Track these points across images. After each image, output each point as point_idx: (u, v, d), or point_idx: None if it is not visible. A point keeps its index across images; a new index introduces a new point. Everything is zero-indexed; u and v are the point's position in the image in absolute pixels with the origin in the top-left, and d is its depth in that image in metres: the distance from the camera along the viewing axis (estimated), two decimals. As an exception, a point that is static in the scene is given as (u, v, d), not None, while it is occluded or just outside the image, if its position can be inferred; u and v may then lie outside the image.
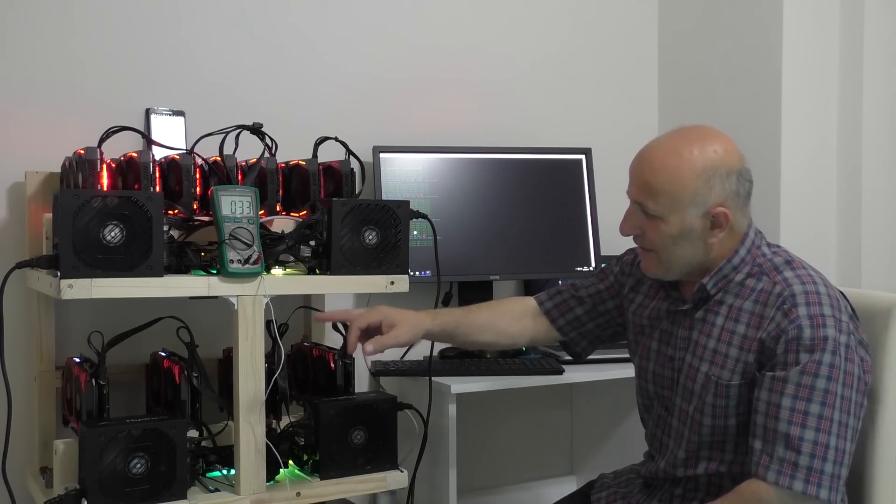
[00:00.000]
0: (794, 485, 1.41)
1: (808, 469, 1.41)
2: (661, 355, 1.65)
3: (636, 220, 1.56)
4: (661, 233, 1.52)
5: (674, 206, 1.49)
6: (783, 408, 1.43)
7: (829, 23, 2.45)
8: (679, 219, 1.50)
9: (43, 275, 1.64)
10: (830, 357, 1.43)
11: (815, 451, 1.41)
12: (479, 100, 2.55)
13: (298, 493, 1.71)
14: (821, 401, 1.42)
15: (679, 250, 1.53)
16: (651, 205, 1.51)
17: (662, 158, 1.51)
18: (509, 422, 2.62)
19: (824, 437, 1.42)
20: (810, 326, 1.44)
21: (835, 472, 1.42)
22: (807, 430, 1.41)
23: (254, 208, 1.66)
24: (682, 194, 1.48)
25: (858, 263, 2.41)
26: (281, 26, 2.27)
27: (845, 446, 1.44)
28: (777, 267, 1.53)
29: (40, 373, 1.90)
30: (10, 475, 1.62)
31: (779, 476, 1.42)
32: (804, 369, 1.42)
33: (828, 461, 1.41)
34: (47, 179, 1.91)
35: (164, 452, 1.59)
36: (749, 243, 1.56)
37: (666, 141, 1.54)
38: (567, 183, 2.44)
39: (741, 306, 1.52)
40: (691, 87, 2.74)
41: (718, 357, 1.53)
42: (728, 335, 1.53)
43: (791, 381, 1.43)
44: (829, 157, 2.47)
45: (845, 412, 1.44)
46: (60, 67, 2.02)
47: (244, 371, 1.66)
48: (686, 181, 1.48)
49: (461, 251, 2.31)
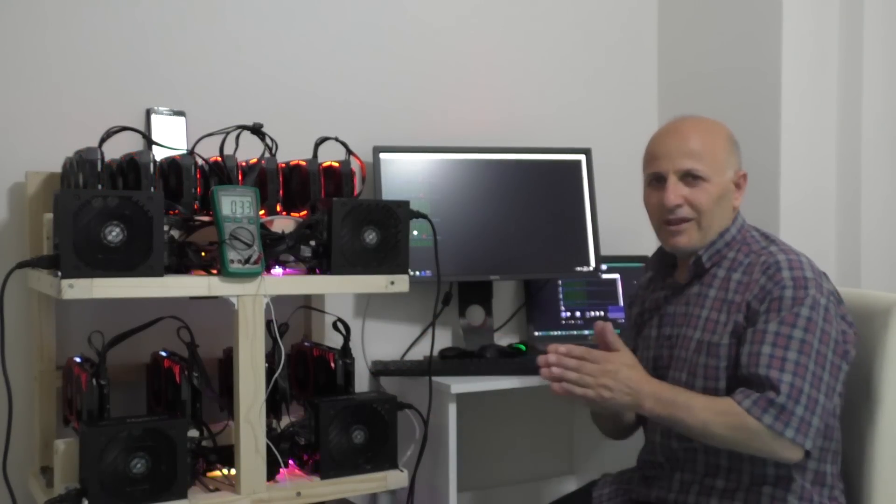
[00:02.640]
0: (763, 418, 1.49)
1: (781, 408, 1.49)
2: (660, 338, 1.75)
3: (680, 189, 1.67)
4: (708, 194, 1.66)
5: (717, 167, 1.67)
6: (763, 355, 1.53)
7: (829, 23, 2.45)
8: (721, 179, 1.67)
9: (43, 275, 1.64)
10: (808, 311, 1.54)
11: (791, 393, 1.49)
12: (479, 100, 2.55)
13: (298, 493, 1.71)
14: (797, 349, 1.52)
15: (719, 212, 1.68)
16: (700, 167, 1.66)
17: (698, 129, 1.70)
18: (509, 422, 2.62)
19: (799, 382, 1.50)
20: (793, 287, 1.56)
21: (805, 417, 1.49)
22: (784, 373, 1.50)
23: (254, 208, 1.67)
24: (722, 156, 1.68)
25: (858, 263, 2.41)
26: (281, 26, 2.27)
27: (818, 397, 1.52)
28: (762, 244, 1.68)
29: (41, 372, 1.91)
30: (11, 475, 1.63)
31: (753, 407, 1.50)
32: (783, 320, 1.54)
33: (799, 404, 1.49)
34: (48, 179, 1.91)
35: (164, 452, 1.59)
36: (740, 223, 1.72)
37: (688, 119, 1.74)
38: (567, 183, 2.44)
39: (731, 277, 1.65)
40: (691, 87, 2.74)
41: (710, 324, 1.64)
42: (719, 303, 1.64)
43: (770, 331, 1.54)
44: (828, 157, 2.47)
45: (820, 366, 1.53)
46: (60, 67, 2.02)
47: (244, 371, 1.66)
48: (722, 145, 1.69)
49: (461, 251, 2.31)
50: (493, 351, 2.26)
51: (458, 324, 2.41)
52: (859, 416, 1.68)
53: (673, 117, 1.77)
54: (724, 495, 1.61)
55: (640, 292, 1.90)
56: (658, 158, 1.70)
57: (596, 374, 1.59)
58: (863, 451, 1.66)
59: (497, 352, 2.27)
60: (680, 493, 1.66)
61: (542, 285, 2.52)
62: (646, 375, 1.62)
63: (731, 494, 1.60)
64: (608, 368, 1.59)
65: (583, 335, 2.51)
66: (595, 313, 2.54)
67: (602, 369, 1.59)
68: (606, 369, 1.59)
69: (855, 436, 1.67)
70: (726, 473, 1.61)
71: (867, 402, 1.66)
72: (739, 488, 1.60)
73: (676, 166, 1.67)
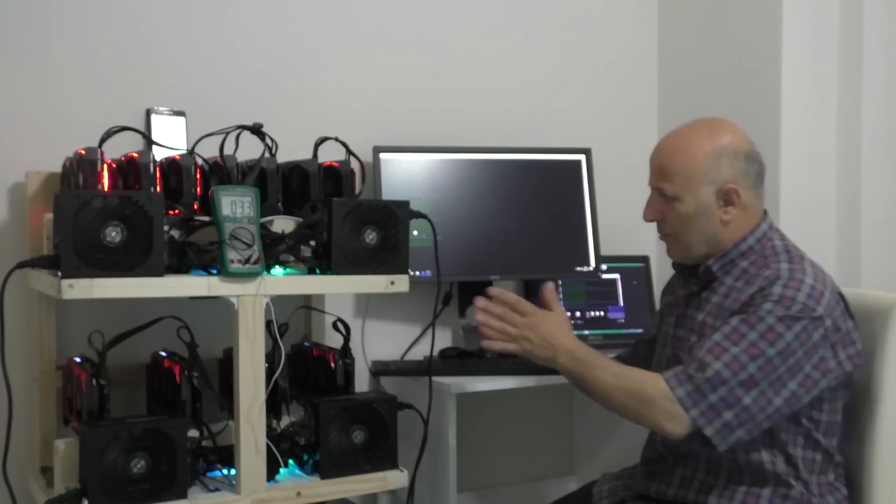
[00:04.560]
0: (676, 390, 1.50)
1: (697, 389, 1.49)
2: (675, 338, 1.73)
3: (657, 205, 1.68)
4: (678, 213, 1.64)
5: (688, 185, 1.62)
6: (711, 339, 1.53)
7: (828, 23, 2.45)
8: (693, 197, 1.62)
9: (43, 275, 1.64)
10: (774, 321, 1.50)
11: (711, 378, 1.48)
12: (479, 100, 2.55)
13: (298, 493, 1.71)
14: (744, 348, 1.50)
15: (696, 229, 1.64)
16: (667, 186, 1.64)
17: (675, 144, 1.66)
18: (509, 422, 2.62)
19: (727, 373, 1.49)
20: (775, 302, 1.52)
21: (717, 406, 1.48)
22: (717, 361, 1.49)
23: (254, 208, 1.67)
24: (695, 173, 1.62)
25: (858, 263, 2.41)
26: (281, 26, 2.27)
27: (744, 398, 1.49)
28: (779, 258, 1.62)
29: (41, 373, 1.91)
30: (11, 475, 1.62)
31: (672, 378, 1.51)
32: (745, 319, 1.52)
33: (716, 393, 1.48)
34: (48, 179, 1.91)
35: (164, 452, 1.59)
36: (760, 234, 1.66)
37: (679, 130, 1.69)
38: (567, 183, 2.44)
39: (734, 286, 1.62)
40: (691, 87, 2.74)
41: (706, 328, 1.62)
42: (716, 309, 1.63)
43: (730, 324, 1.53)
44: (828, 157, 2.47)
45: (762, 372, 1.50)
46: (61, 67, 2.02)
47: (244, 371, 1.66)
48: (697, 161, 1.62)
49: (461, 251, 2.31)
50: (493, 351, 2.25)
51: (458, 324, 2.41)
52: (859, 416, 1.68)
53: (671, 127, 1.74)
54: (723, 494, 1.61)
55: (672, 282, 1.90)
56: (649, 169, 1.71)
57: (519, 326, 1.65)
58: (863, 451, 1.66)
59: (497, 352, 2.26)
60: (680, 489, 1.66)
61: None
62: (569, 334, 1.65)
63: (730, 494, 1.60)
64: (532, 321, 1.65)
65: (583, 335, 2.51)
66: (595, 313, 2.54)
67: (527, 322, 1.65)
68: (530, 322, 1.65)
69: (855, 436, 1.67)
70: (727, 473, 1.61)
71: (867, 402, 1.66)
72: (739, 488, 1.60)
73: (652, 182, 1.68)
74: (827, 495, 1.60)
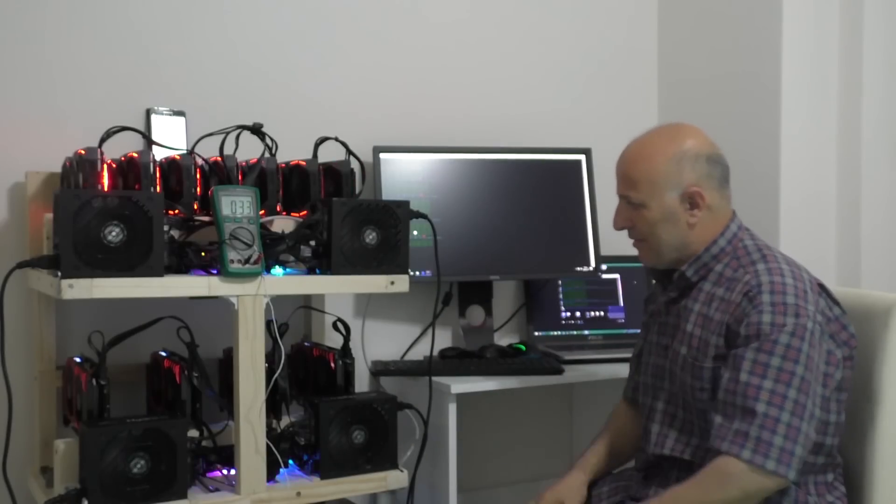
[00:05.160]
0: (742, 454, 1.47)
1: (757, 440, 1.47)
2: (659, 346, 1.73)
3: (625, 213, 1.69)
4: (645, 219, 1.65)
5: (652, 191, 1.63)
6: (740, 382, 1.50)
7: (828, 23, 2.45)
8: (658, 203, 1.63)
9: (43, 275, 1.64)
10: (788, 338, 1.50)
11: (765, 423, 1.47)
12: (479, 100, 2.55)
13: (298, 493, 1.71)
14: (774, 377, 1.49)
15: (665, 234, 1.64)
16: (633, 194, 1.65)
17: (638, 151, 1.67)
18: (509, 422, 2.62)
19: (774, 412, 1.47)
20: (771, 312, 1.52)
21: (785, 447, 1.47)
22: (759, 403, 1.48)
23: (254, 208, 1.67)
24: (657, 178, 1.63)
25: (858, 263, 2.41)
26: (281, 26, 2.27)
27: (800, 425, 1.48)
28: (752, 259, 1.62)
29: (41, 373, 1.91)
30: (11, 475, 1.63)
31: (731, 446, 1.48)
32: (760, 347, 1.50)
33: (777, 434, 1.47)
34: (48, 179, 1.91)
35: (164, 452, 1.60)
36: (730, 235, 1.66)
37: (641, 138, 1.71)
38: (567, 183, 2.44)
39: (714, 293, 1.62)
40: (691, 87, 2.74)
41: (694, 339, 1.62)
42: (702, 319, 1.62)
43: (748, 358, 1.51)
44: (828, 157, 2.47)
45: (803, 393, 1.49)
46: (61, 67, 2.02)
47: (244, 371, 1.66)
48: (659, 166, 1.63)
49: (461, 251, 2.31)
50: (493, 351, 2.26)
51: (458, 324, 2.41)
52: (859, 417, 1.67)
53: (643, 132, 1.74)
54: None
55: (654, 289, 1.90)
56: (616, 178, 1.72)
57: None
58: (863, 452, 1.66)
59: (497, 352, 2.27)
60: None
61: (542, 285, 2.52)
62: None
63: None
64: None
65: (583, 335, 2.51)
66: (595, 313, 2.54)
67: None
68: None
69: (855, 436, 1.67)
70: None
71: (867, 402, 1.66)
72: None
73: (619, 190, 1.69)
74: (826, 494, 1.60)
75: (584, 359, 2.27)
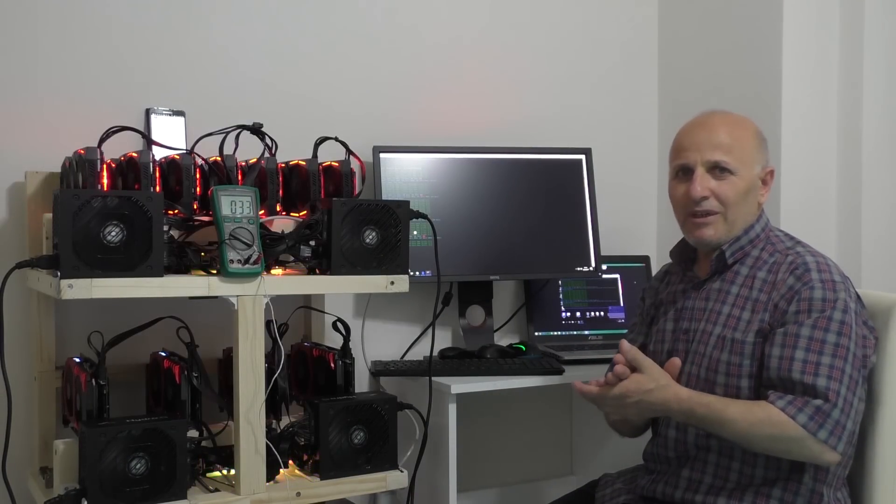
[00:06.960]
0: (798, 417, 1.49)
1: (817, 409, 1.49)
2: (677, 331, 1.74)
3: (706, 182, 1.67)
4: (735, 187, 1.66)
5: (745, 160, 1.67)
6: (796, 360, 1.53)
7: (829, 23, 2.45)
8: (749, 173, 1.67)
9: (43, 275, 1.64)
10: (841, 315, 1.54)
11: (829, 396, 1.50)
12: (479, 100, 2.55)
13: (298, 493, 1.71)
14: (832, 353, 1.52)
15: (745, 206, 1.68)
16: (729, 159, 1.66)
17: (727, 122, 1.71)
18: (509, 422, 2.62)
19: (835, 385, 1.50)
20: (822, 288, 1.56)
21: (840, 420, 1.49)
22: (819, 377, 1.50)
23: (254, 208, 1.67)
24: (751, 151, 1.69)
25: (858, 263, 2.41)
26: (281, 26, 2.27)
27: (853, 401, 1.52)
28: (787, 245, 1.68)
29: (40, 373, 1.90)
30: (11, 475, 1.62)
31: (788, 405, 1.50)
32: (815, 324, 1.54)
33: (836, 407, 1.50)
34: (47, 179, 1.91)
35: (164, 452, 1.59)
36: (764, 222, 1.72)
37: (717, 112, 1.74)
38: (567, 183, 2.44)
39: (755, 275, 1.65)
40: (691, 87, 2.74)
41: (732, 320, 1.64)
42: (742, 301, 1.64)
43: (803, 336, 1.54)
44: (829, 157, 2.47)
45: (856, 369, 1.54)
46: (60, 67, 2.02)
47: (244, 371, 1.66)
48: (751, 140, 1.70)
49: (461, 251, 2.31)
50: (493, 351, 2.26)
51: (458, 324, 2.41)
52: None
53: (701, 112, 1.77)
54: (732, 495, 1.60)
55: (654, 284, 1.90)
56: (686, 150, 1.70)
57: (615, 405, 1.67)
58: (864, 452, 1.66)
59: (497, 352, 2.26)
60: (687, 491, 1.65)
61: (542, 285, 2.52)
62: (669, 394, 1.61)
63: (739, 495, 1.59)
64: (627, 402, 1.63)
65: (583, 335, 2.51)
66: (595, 313, 2.54)
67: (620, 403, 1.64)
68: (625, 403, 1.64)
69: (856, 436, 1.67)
70: (737, 476, 1.60)
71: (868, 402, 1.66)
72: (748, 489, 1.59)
73: (705, 158, 1.67)
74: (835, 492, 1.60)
75: (584, 359, 2.26)
